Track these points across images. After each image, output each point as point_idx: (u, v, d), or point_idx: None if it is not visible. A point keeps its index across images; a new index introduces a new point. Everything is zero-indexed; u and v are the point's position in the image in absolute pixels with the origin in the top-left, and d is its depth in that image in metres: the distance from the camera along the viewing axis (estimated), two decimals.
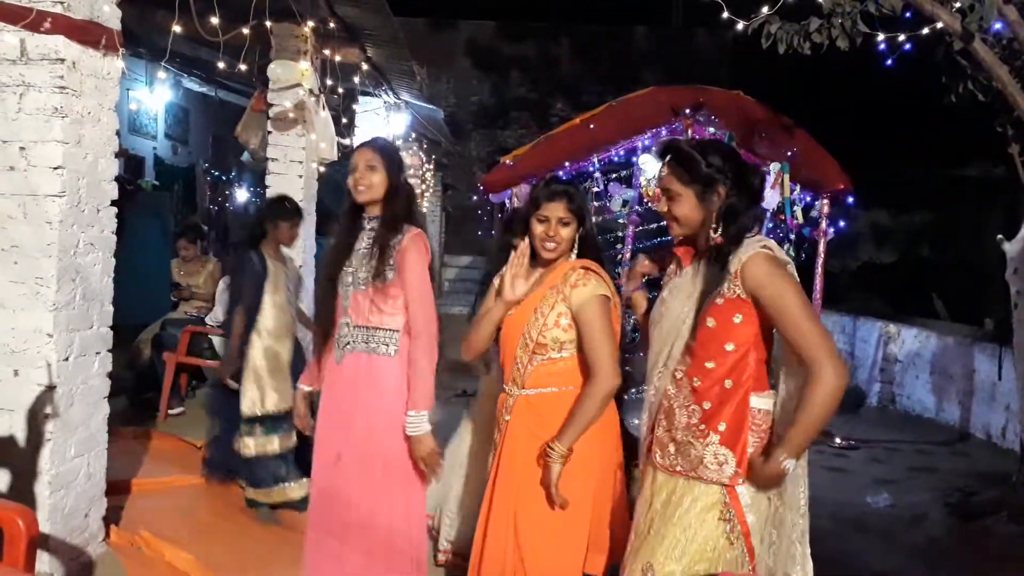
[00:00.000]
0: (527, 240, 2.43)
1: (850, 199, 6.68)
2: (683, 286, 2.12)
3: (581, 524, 2.32)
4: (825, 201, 6.75)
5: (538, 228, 2.38)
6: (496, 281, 2.51)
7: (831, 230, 6.82)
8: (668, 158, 2.12)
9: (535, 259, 2.44)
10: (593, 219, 2.65)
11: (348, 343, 2.61)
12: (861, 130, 10.95)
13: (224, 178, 12.69)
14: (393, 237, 2.57)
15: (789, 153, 6.12)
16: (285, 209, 4.09)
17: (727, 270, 1.99)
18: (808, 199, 6.80)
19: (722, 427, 2.02)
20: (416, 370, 2.54)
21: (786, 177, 6.18)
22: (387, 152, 2.67)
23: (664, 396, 2.12)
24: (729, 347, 2.02)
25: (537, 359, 2.35)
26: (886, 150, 11.16)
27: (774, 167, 6.15)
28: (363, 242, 2.63)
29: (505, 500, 2.37)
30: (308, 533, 2.73)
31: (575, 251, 2.43)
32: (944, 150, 10.79)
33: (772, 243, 2.03)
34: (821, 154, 6.36)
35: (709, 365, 2.04)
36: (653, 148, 6.32)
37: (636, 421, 2.43)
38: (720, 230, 2.04)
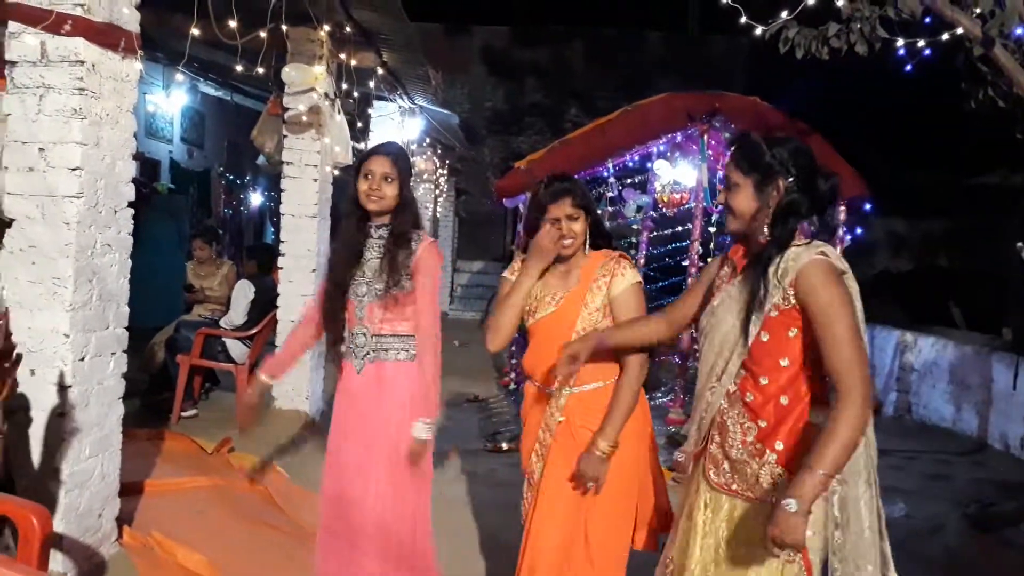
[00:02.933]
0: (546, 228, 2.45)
1: (867, 206, 6.65)
2: (735, 295, 2.00)
3: (632, 505, 2.44)
4: (842, 208, 6.72)
5: (551, 230, 2.42)
6: (509, 275, 2.56)
7: (848, 237, 6.79)
8: (735, 147, 2.03)
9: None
10: (607, 223, 2.71)
11: (368, 353, 2.62)
12: (878, 137, 10.88)
13: (239, 182, 12.78)
14: (407, 248, 2.60)
15: None
16: None
17: (779, 276, 1.88)
18: None
19: (779, 446, 1.93)
20: (427, 377, 2.59)
21: None
22: (401, 161, 2.66)
23: (718, 412, 2.02)
24: (784, 362, 1.92)
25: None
26: (903, 157, 11.09)
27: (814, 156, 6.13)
28: (373, 252, 2.63)
29: (567, 494, 2.41)
30: (320, 538, 2.72)
31: (587, 241, 2.50)
32: (962, 157, 10.70)
33: (830, 249, 1.91)
34: (837, 161, 6.34)
35: (763, 381, 1.94)
36: (668, 153, 6.31)
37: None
38: (770, 230, 1.93)
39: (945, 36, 3.94)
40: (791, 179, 1.92)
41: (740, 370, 1.97)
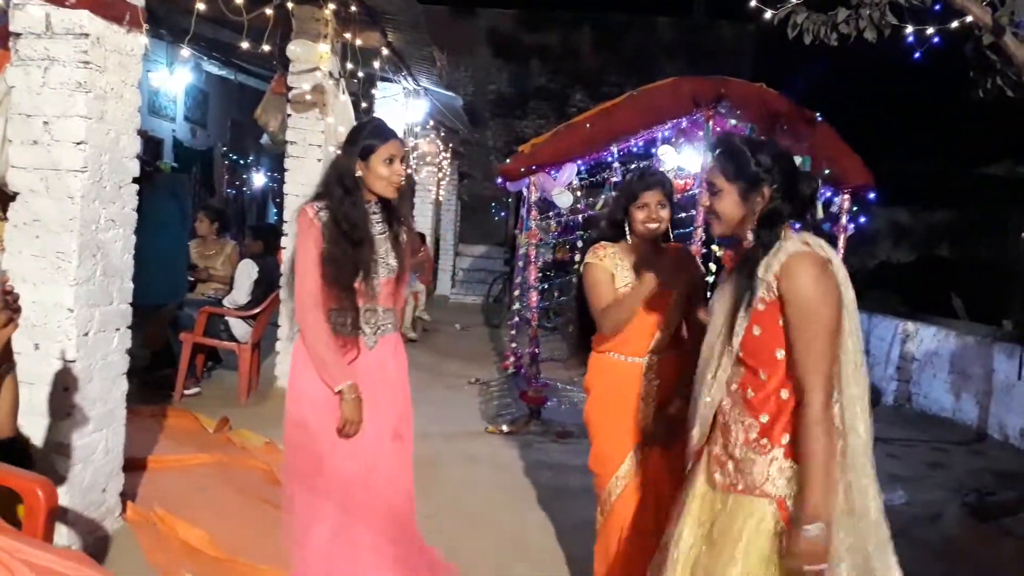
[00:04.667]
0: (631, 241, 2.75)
1: (872, 195, 6.62)
2: (725, 294, 2.04)
3: None
4: (846, 196, 6.69)
5: (640, 214, 2.69)
6: (597, 260, 2.75)
7: (851, 227, 6.77)
8: (717, 151, 2.04)
9: (632, 241, 2.76)
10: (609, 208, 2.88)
11: (380, 327, 2.66)
12: (883, 126, 10.84)
13: (242, 162, 12.75)
14: (406, 225, 2.75)
15: (811, 147, 6.07)
16: None
17: (765, 269, 1.90)
18: (829, 194, 6.74)
19: (785, 439, 1.90)
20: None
21: (807, 171, 6.14)
22: (405, 147, 2.77)
23: (719, 411, 2.03)
24: (780, 354, 1.91)
25: (673, 328, 2.73)
26: (908, 146, 11.05)
27: (795, 160, 6.11)
28: (376, 228, 2.64)
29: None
30: (319, 511, 2.64)
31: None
32: (967, 148, 10.67)
33: (813, 238, 1.92)
34: (843, 149, 6.31)
35: (763, 376, 1.93)
36: (673, 139, 6.28)
37: None
38: (755, 234, 1.96)
39: (955, 24, 3.91)
40: (775, 186, 1.94)
41: (740, 368, 1.98)
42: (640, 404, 2.70)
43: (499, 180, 7.17)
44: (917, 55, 4.19)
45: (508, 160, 7.49)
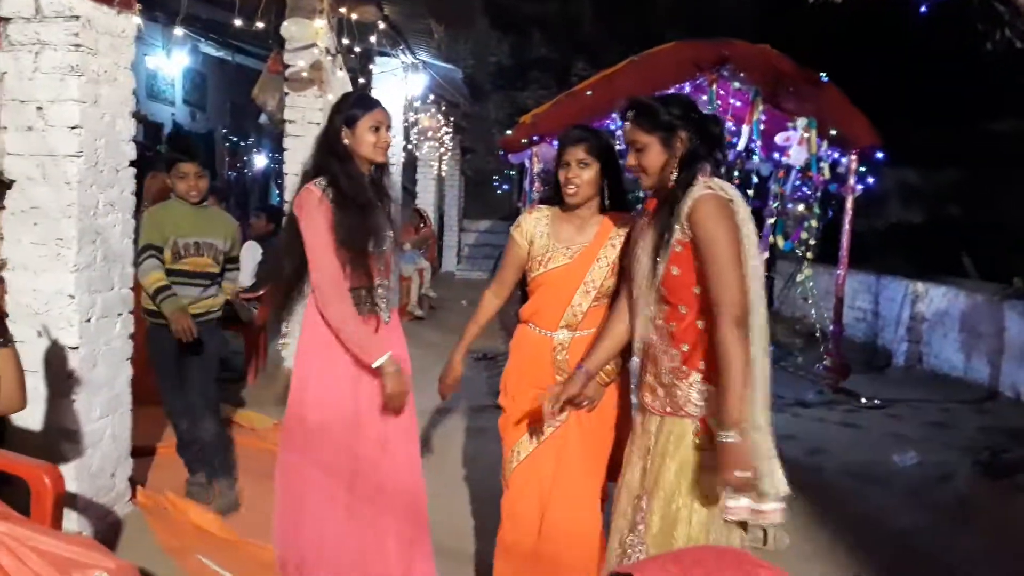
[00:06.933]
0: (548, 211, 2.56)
1: (879, 155, 6.53)
2: (648, 238, 2.21)
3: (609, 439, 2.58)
4: (853, 158, 6.61)
5: (561, 174, 2.48)
6: (519, 236, 2.59)
7: (860, 188, 6.68)
8: (631, 113, 2.20)
9: (564, 207, 2.54)
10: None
11: (390, 301, 2.65)
12: (889, 84, 10.67)
13: (243, 144, 12.69)
14: (392, 196, 2.70)
15: (817, 108, 5.98)
16: None
17: (676, 215, 2.08)
18: (836, 155, 6.65)
19: (702, 365, 2.12)
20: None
21: (813, 133, 6.05)
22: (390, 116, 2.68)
23: (649, 345, 2.23)
24: (697, 290, 2.11)
25: (593, 304, 2.50)
26: (915, 105, 10.88)
27: (801, 123, 6.02)
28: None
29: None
30: (328, 490, 2.62)
31: (607, 199, 2.55)
32: (974, 105, 10.50)
33: (716, 181, 2.11)
34: (850, 109, 6.21)
35: (683, 310, 2.13)
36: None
37: None
38: (676, 176, 2.14)
39: None
40: (690, 129, 2.14)
41: (663, 305, 2.17)
42: (545, 379, 2.51)
43: (501, 152, 7.11)
44: (923, 9, 4.11)
45: (509, 132, 7.42)
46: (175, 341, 3.41)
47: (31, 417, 2.98)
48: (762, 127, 5.87)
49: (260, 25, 4.65)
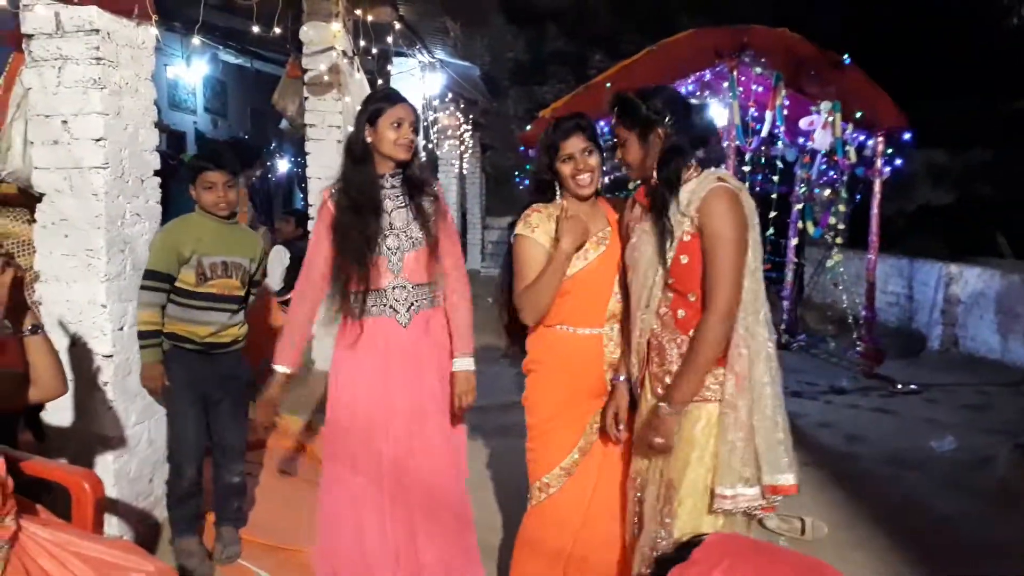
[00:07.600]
0: (565, 204, 2.41)
1: (906, 136, 6.43)
2: (648, 230, 2.22)
3: None
4: (880, 139, 6.51)
5: (566, 168, 2.38)
6: (528, 232, 2.40)
7: (887, 170, 6.58)
8: (615, 109, 2.24)
9: (571, 200, 2.44)
10: None
11: (413, 304, 2.61)
12: (914, 64, 10.49)
13: (265, 150, 12.78)
14: (431, 195, 2.63)
15: (840, 91, 5.90)
16: None
17: (670, 212, 2.12)
18: (862, 138, 6.56)
19: None
20: (464, 314, 2.72)
21: (838, 116, 5.97)
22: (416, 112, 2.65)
23: (652, 335, 2.22)
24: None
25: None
26: (941, 84, 10.68)
27: (825, 106, 5.94)
28: (393, 202, 2.59)
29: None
30: (354, 491, 2.62)
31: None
32: (1002, 81, 10.29)
33: (723, 172, 2.16)
34: (874, 91, 6.12)
35: (691, 298, 2.14)
36: (696, 93, 6.15)
37: None
38: (658, 172, 2.17)
39: None
40: (670, 124, 2.16)
41: (669, 293, 2.18)
42: (597, 384, 2.40)
43: (521, 148, 7.11)
44: None
45: (529, 127, 7.41)
46: (203, 369, 3.03)
47: (69, 426, 3.03)
48: (785, 112, 5.79)
49: (277, 31, 4.67)
